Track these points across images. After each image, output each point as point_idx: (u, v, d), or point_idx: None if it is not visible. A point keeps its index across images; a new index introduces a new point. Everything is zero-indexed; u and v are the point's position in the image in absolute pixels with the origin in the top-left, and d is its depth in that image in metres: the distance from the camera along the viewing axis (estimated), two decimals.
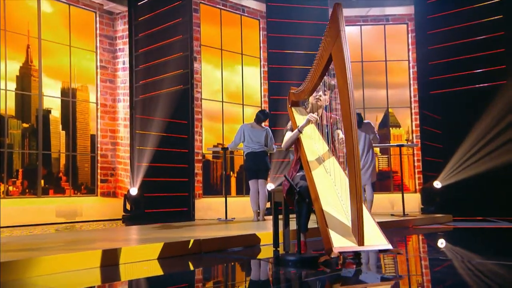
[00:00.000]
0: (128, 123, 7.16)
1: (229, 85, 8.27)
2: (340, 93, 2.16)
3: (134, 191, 6.48)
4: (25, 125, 7.08)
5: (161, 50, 6.94)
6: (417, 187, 8.21)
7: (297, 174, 2.77)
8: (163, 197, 6.57)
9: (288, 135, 2.90)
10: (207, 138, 7.95)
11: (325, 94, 2.82)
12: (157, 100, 6.71)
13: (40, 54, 7.14)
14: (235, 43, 8.29)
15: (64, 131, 7.39)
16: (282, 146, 2.93)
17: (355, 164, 2.13)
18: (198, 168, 7.57)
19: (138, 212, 6.47)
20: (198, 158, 7.60)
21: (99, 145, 7.71)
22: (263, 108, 8.16)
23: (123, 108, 7.77)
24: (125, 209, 6.57)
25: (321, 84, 2.74)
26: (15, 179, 6.85)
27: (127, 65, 7.25)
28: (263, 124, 5.79)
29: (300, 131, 2.82)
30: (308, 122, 2.80)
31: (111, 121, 7.83)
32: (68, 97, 7.43)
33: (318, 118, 2.82)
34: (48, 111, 7.31)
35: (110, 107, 7.85)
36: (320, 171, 2.57)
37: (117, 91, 7.87)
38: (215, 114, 7.70)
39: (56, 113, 7.44)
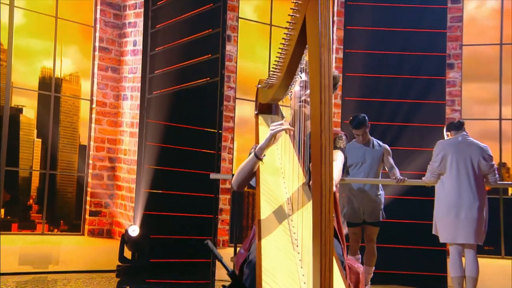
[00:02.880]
0: (136, 130, 6.71)
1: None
2: (310, 81, 1.65)
3: (134, 230, 5.88)
4: None
5: (186, 25, 6.39)
6: None
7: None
8: (175, 241, 5.99)
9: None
10: (240, 157, 7.80)
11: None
12: (176, 99, 6.22)
13: (12, 28, 6.47)
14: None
15: (40, 139, 7.06)
16: (231, 182, 2.45)
17: (323, 202, 1.60)
18: (225, 201, 7.26)
19: (140, 262, 5.92)
20: (226, 186, 7.21)
21: (91, 161, 7.18)
22: (332, 113, 6.98)
23: (129, 109, 7.13)
24: (121, 257, 5.86)
25: (300, 74, 2.32)
26: None
27: (139, 46, 6.96)
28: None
29: (257, 157, 2.24)
30: (270, 140, 2.21)
31: (111, 127, 7.33)
32: (49, 91, 6.87)
33: (291, 130, 2.31)
34: (18, 110, 7.11)
35: (111, 106, 7.35)
36: (284, 242, 2.03)
37: (123, 83, 7.35)
38: (254, 121, 6.68)
39: (29, 113, 7.24)
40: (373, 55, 6.27)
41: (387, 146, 4.79)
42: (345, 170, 3.25)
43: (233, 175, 3.57)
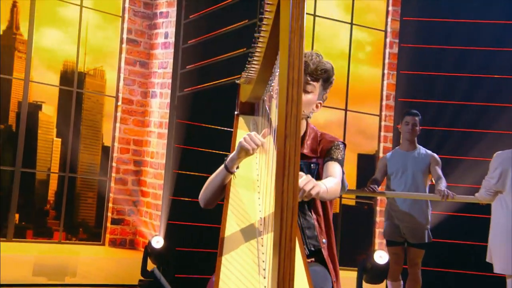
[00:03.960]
0: (165, 131, 6.59)
1: None
2: (279, 74, 1.61)
3: (158, 241, 5.82)
4: None
5: (221, 15, 6.27)
6: None
7: None
8: (204, 255, 5.82)
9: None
10: None
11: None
12: (208, 98, 6.16)
13: (33, 18, 6.38)
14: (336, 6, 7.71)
15: (59, 139, 6.89)
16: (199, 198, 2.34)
17: (284, 226, 1.55)
18: None
19: (164, 277, 5.81)
20: None
21: (114, 164, 6.99)
22: (383, 116, 7.27)
23: (158, 108, 6.98)
24: (144, 271, 5.72)
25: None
26: None
27: (171, 38, 6.76)
28: None
29: (227, 170, 2.10)
30: (241, 153, 2.04)
31: (138, 127, 7.16)
32: (72, 86, 6.73)
33: (263, 142, 2.10)
34: (37, 106, 6.87)
35: (138, 104, 7.18)
36: (249, 264, 2.00)
37: (151, 79, 7.14)
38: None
39: (49, 110, 7.01)
40: (433, 50, 6.04)
41: (435, 155, 4.39)
42: (343, 187, 2.86)
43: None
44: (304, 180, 1.82)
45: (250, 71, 2.24)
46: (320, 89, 2.25)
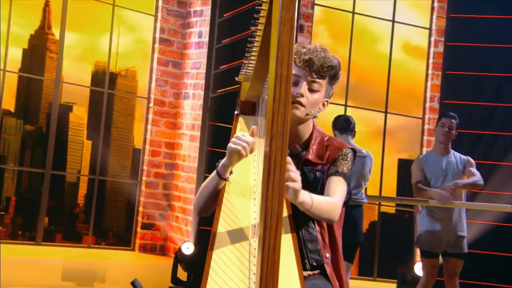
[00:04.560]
0: (197, 133, 6.60)
1: (361, 79, 7.77)
2: (269, 71, 1.50)
3: (188, 248, 5.81)
4: (28, 127, 6.86)
5: (255, 13, 5.81)
6: None
7: None
8: None
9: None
10: None
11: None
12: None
13: (65, 17, 6.40)
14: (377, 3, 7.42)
15: (90, 141, 6.94)
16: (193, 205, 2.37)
17: (267, 235, 1.47)
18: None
19: (195, 285, 5.90)
20: None
21: (145, 167, 7.05)
22: (426, 119, 7.09)
23: (190, 109, 6.96)
24: (174, 278, 5.74)
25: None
26: (3, 213, 6.53)
27: (204, 38, 6.81)
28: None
29: (220, 176, 1.98)
30: (232, 157, 1.92)
31: (170, 129, 7.19)
32: (103, 87, 6.73)
33: (253, 140, 1.98)
34: (67, 108, 6.92)
35: (171, 105, 7.20)
36: (239, 278, 1.91)
37: (184, 80, 7.17)
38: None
39: (80, 111, 7.10)
40: (481, 48, 5.87)
41: (470, 158, 4.31)
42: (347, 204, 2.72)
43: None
44: (291, 172, 1.71)
45: (248, 67, 2.14)
46: (326, 86, 2.13)
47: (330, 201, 1.97)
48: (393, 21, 7.16)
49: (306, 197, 1.86)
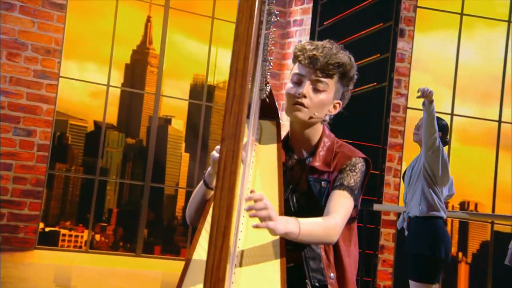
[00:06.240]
0: None
1: (465, 83, 7.24)
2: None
3: None
4: (130, 140, 6.94)
5: (355, 20, 6.31)
6: None
7: None
8: None
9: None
10: None
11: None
12: (345, 107, 5.62)
13: (165, 31, 6.32)
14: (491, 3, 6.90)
15: (188, 153, 6.98)
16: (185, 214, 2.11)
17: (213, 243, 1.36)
18: (387, 236, 6.47)
19: None
20: (390, 218, 6.37)
21: None
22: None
23: (287, 121, 6.39)
24: None
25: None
26: (105, 224, 6.66)
27: None
28: None
29: (206, 185, 1.88)
30: (214, 164, 1.84)
31: None
32: (201, 100, 6.70)
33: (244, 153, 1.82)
34: (167, 121, 7.04)
35: None
36: None
37: (284, 91, 6.57)
38: None
39: (178, 124, 7.18)
40: None
41: None
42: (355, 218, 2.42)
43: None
44: (270, 209, 1.54)
45: None
46: (336, 86, 1.97)
47: (325, 224, 1.76)
48: (509, 21, 6.65)
49: (291, 227, 1.66)
